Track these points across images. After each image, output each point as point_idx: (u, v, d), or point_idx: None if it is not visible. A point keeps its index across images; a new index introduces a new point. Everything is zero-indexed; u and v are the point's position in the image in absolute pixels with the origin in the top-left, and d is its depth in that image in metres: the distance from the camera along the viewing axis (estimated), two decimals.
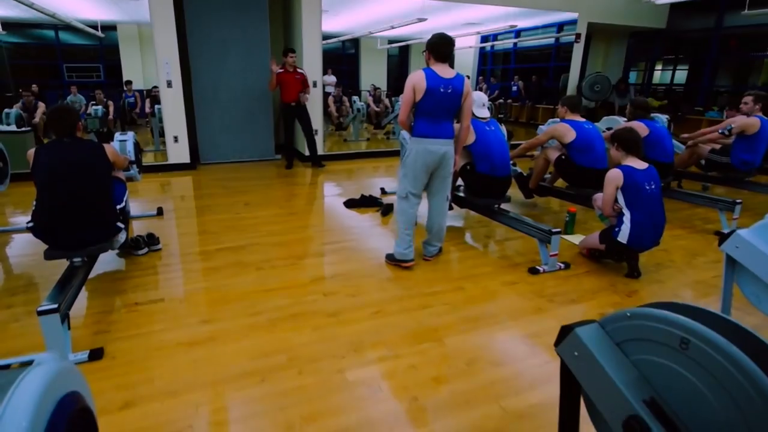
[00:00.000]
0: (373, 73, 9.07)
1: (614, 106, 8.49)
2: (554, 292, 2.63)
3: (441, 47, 2.57)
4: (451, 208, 3.76)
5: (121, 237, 2.54)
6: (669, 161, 3.89)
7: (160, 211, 3.87)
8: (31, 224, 2.25)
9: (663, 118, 4.81)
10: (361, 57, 9.15)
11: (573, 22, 7.57)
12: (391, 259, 2.92)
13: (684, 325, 0.88)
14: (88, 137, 2.53)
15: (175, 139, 5.48)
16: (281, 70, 5.41)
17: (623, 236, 2.69)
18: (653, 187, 2.68)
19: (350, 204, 4.21)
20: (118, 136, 3.35)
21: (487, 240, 3.53)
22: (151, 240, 3.10)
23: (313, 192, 4.91)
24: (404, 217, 2.80)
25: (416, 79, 2.53)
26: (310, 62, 5.85)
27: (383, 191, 4.63)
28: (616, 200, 2.74)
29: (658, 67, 9.78)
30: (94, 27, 5.83)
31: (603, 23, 7.87)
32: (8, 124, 5.34)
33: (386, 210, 4.01)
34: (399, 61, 9.24)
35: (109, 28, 6.09)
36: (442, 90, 2.54)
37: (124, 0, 5.59)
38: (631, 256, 2.82)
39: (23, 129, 5.29)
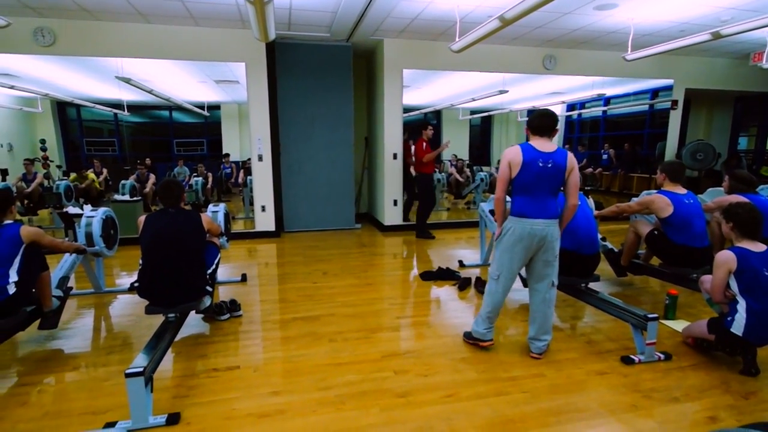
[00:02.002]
0: (454, 143, 9.25)
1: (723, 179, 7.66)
2: (652, 387, 2.29)
3: (537, 120, 2.44)
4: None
5: (207, 300, 2.73)
6: None
7: (244, 278, 4.13)
8: (136, 284, 2.56)
9: None
10: (443, 128, 9.42)
11: (668, 88, 7.24)
12: (468, 337, 2.78)
13: None
14: (188, 207, 2.87)
15: (263, 208, 5.98)
16: (425, 146, 5.61)
17: (738, 327, 2.31)
18: None
19: (427, 277, 4.16)
20: (211, 207, 3.71)
21: (573, 321, 3.22)
22: (234, 306, 3.28)
23: (391, 263, 4.94)
24: (491, 299, 2.61)
25: (512, 154, 2.40)
26: (391, 135, 6.19)
27: (461, 264, 4.54)
28: (728, 286, 2.38)
29: None
30: (202, 107, 6.75)
31: (702, 89, 7.41)
32: (123, 194, 6.18)
33: (463, 284, 3.89)
34: (481, 131, 9.34)
35: (214, 107, 6.96)
36: (540, 164, 2.36)
37: (227, 85, 6.46)
38: (748, 350, 2.39)
39: (135, 198, 6.10)
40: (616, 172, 8.93)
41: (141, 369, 1.90)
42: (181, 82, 6.51)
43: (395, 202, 6.38)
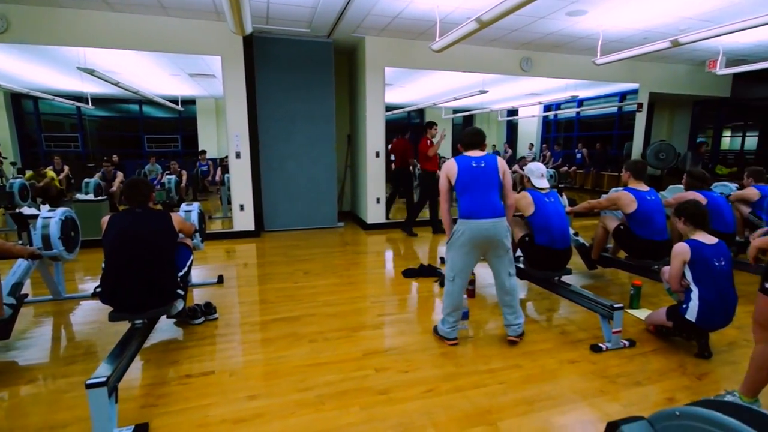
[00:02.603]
0: None
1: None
2: (618, 372, 2.45)
3: (468, 138, 2.73)
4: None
5: (179, 304, 2.63)
6: (729, 231, 3.74)
7: (220, 279, 4.03)
8: (99, 289, 2.41)
9: (732, 187, 4.56)
10: None
11: (635, 92, 7.59)
12: (436, 332, 2.89)
13: (734, 428, 0.83)
14: (158, 207, 2.73)
15: (241, 207, 5.85)
16: (429, 143, 5.76)
17: (691, 314, 2.51)
18: (723, 263, 2.50)
19: (409, 274, 4.22)
20: (183, 206, 3.53)
21: (547, 313, 3.36)
22: (209, 309, 3.18)
23: (374, 261, 4.96)
24: (450, 299, 2.72)
25: (447, 167, 2.65)
26: (374, 133, 6.20)
27: (443, 261, 4.62)
28: (683, 275, 2.57)
29: (727, 134, 9.36)
30: (175, 101, 6.37)
31: (664, 93, 7.78)
32: (87, 193, 5.75)
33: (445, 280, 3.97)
34: (463, 129, 9.56)
35: (188, 102, 6.57)
36: (474, 165, 2.60)
37: (203, 79, 6.20)
38: (701, 335, 2.60)
39: (99, 198, 5.73)
40: (589, 170, 9.32)
41: (104, 379, 1.81)
42: (151, 75, 6.13)
43: (378, 200, 6.41)
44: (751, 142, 8.94)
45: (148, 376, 2.41)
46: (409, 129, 6.47)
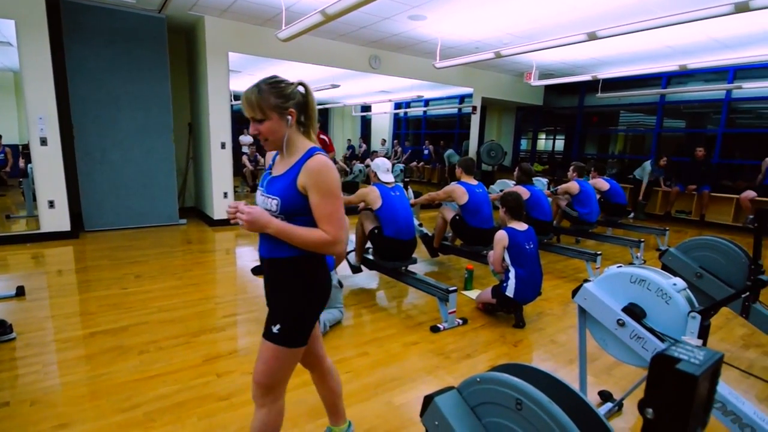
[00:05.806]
0: None
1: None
2: (452, 348, 2.71)
3: None
4: (360, 270, 3.80)
5: None
6: (548, 219, 4.45)
7: (20, 291, 3.32)
8: None
9: (543, 181, 5.45)
10: None
11: (470, 96, 8.52)
12: None
13: (518, 386, 0.96)
14: None
15: (51, 204, 4.89)
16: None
17: (510, 290, 2.94)
18: (531, 246, 2.99)
19: (258, 271, 4.03)
20: None
21: (395, 301, 3.55)
22: (2, 328, 2.63)
23: (221, 259, 4.63)
24: None
25: None
26: (218, 122, 5.76)
27: None
28: (504, 258, 2.98)
29: (542, 136, 11.22)
30: None
31: (494, 98, 8.93)
32: None
33: None
34: (319, 123, 9.53)
35: None
36: None
37: None
38: (517, 308, 3.06)
39: None
40: (435, 166, 10.20)
41: None
42: None
43: (225, 195, 5.99)
44: (560, 144, 10.86)
45: None
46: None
